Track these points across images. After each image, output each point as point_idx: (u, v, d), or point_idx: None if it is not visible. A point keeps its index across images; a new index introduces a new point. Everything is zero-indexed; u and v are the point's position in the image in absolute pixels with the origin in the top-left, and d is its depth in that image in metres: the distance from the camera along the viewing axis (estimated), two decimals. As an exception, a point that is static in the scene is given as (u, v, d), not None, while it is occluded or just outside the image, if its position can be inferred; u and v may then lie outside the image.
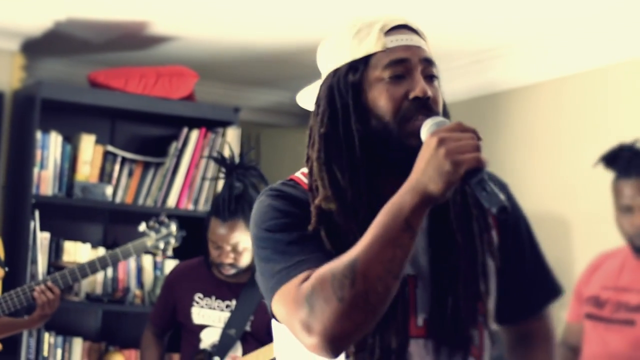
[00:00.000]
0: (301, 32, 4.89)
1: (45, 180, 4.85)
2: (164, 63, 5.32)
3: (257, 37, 5.01)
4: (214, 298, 3.94)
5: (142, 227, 4.03)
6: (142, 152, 5.15)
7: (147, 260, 5.10)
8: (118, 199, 5.03)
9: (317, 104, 1.88)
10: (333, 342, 1.64)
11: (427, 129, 1.74)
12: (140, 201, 5.06)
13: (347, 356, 1.77)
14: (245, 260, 3.82)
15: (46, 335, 4.83)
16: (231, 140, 5.15)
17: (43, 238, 4.85)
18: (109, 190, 4.95)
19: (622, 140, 3.54)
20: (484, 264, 1.87)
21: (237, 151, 5.13)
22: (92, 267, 3.87)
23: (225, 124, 5.20)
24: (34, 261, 4.73)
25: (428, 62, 1.84)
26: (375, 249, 1.63)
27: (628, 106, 4.52)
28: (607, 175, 3.53)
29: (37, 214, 4.77)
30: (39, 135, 4.83)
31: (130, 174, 5.09)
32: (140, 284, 5.07)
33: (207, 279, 3.96)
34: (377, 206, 1.70)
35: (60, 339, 4.89)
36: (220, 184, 4.09)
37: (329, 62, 1.90)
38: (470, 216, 1.87)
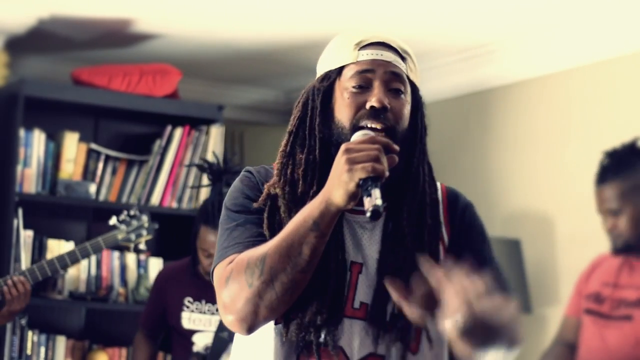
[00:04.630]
0: (285, 30, 4.90)
1: (29, 178, 4.83)
2: (147, 61, 5.31)
3: (240, 35, 5.01)
4: (203, 302, 3.93)
5: (113, 220, 4.02)
6: (125, 150, 5.14)
7: (131, 258, 5.09)
8: (102, 197, 5.02)
9: (295, 106, 2.07)
10: (244, 320, 1.87)
11: (352, 139, 1.91)
12: (124, 199, 5.05)
13: (276, 323, 1.94)
14: None
15: (29, 334, 4.81)
16: (215, 138, 5.15)
17: (26, 236, 4.84)
18: (92, 188, 4.94)
19: (608, 140, 3.59)
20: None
21: (220, 150, 5.13)
22: (62, 261, 3.84)
23: (209, 121, 5.19)
24: (17, 259, 4.72)
25: (395, 76, 1.98)
26: (285, 245, 1.83)
27: (615, 104, 4.54)
28: (591, 174, 3.57)
29: (20, 211, 4.75)
30: (22, 132, 4.81)
31: (113, 172, 5.08)
32: (124, 282, 5.06)
33: (196, 282, 3.94)
34: None
35: (43, 337, 4.87)
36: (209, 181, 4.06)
37: (318, 70, 2.07)
38: (423, 225, 1.98)
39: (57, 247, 4.92)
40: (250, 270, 1.85)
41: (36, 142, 4.88)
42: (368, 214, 1.76)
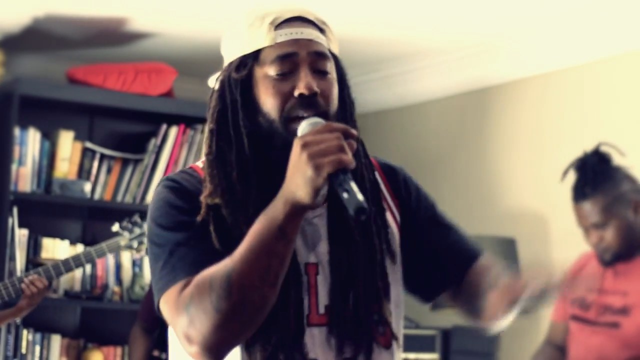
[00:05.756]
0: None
1: (24, 176, 4.83)
2: (142, 60, 5.31)
3: (236, 34, 5.01)
4: None
5: (116, 227, 4.04)
6: (120, 149, 5.14)
7: (126, 257, 5.09)
8: (97, 196, 5.02)
9: (210, 97, 1.86)
10: (212, 350, 1.66)
11: (300, 131, 1.71)
12: (119, 198, 5.05)
13: (245, 346, 1.74)
14: None
15: (24, 332, 4.81)
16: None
17: (21, 235, 4.84)
18: (87, 186, 4.94)
19: (603, 139, 3.58)
20: (382, 262, 1.84)
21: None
22: (67, 265, 3.89)
23: (204, 120, 5.12)
24: (12, 258, 4.71)
25: (318, 55, 1.79)
26: (251, 259, 1.63)
27: (611, 103, 4.54)
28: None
29: (15, 210, 4.75)
30: (17, 131, 4.81)
31: (109, 171, 5.08)
32: (119, 280, 5.06)
33: None
34: (266, 203, 1.67)
35: (38, 335, 4.87)
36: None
37: (225, 54, 1.86)
38: (378, 210, 1.86)
39: (52, 246, 4.92)
40: (215, 292, 1.62)
41: (31, 141, 4.88)
42: (352, 212, 1.58)
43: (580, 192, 3.43)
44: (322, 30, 1.83)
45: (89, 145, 5.05)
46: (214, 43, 5.21)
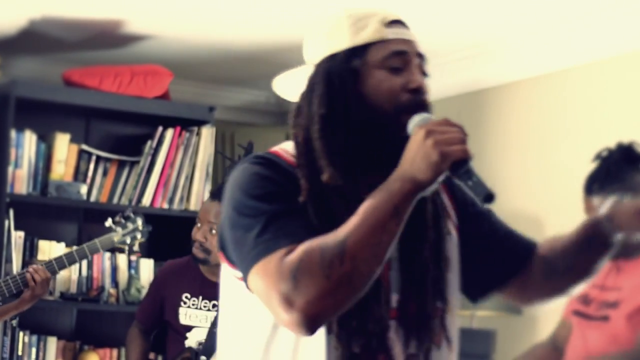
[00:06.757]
0: (276, 32, 4.90)
1: (20, 179, 4.83)
2: (138, 62, 5.31)
3: (231, 36, 5.02)
4: (200, 298, 3.97)
5: (108, 222, 4.05)
6: (116, 151, 5.14)
7: (122, 259, 5.09)
8: (93, 198, 5.02)
9: (311, 87, 1.88)
10: (312, 319, 1.66)
11: (414, 123, 1.80)
12: (115, 200, 5.05)
13: (328, 333, 1.77)
14: (215, 246, 3.89)
15: (20, 334, 4.81)
16: (206, 139, 5.15)
17: (17, 237, 4.84)
18: (83, 189, 4.94)
19: (597, 142, 3.57)
20: (447, 264, 1.92)
21: (211, 151, 5.15)
22: (60, 262, 3.89)
23: (200, 122, 5.20)
24: (9, 260, 4.72)
25: (421, 57, 1.92)
26: (365, 232, 1.66)
27: (608, 105, 4.55)
28: (581, 175, 3.56)
29: (11, 212, 4.76)
30: (13, 134, 4.81)
31: (105, 173, 5.08)
32: (114, 282, 5.07)
33: (194, 278, 4.00)
34: (373, 189, 1.73)
35: (34, 338, 4.87)
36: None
37: (321, 48, 1.90)
38: (440, 216, 1.92)
39: (48, 248, 4.93)
40: (327, 259, 1.64)
41: (27, 143, 4.88)
42: (480, 199, 1.70)
43: (596, 185, 3.39)
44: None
45: (85, 147, 5.05)
46: (210, 45, 5.25)
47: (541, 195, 4.78)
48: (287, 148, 1.90)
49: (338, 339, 1.78)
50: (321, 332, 1.74)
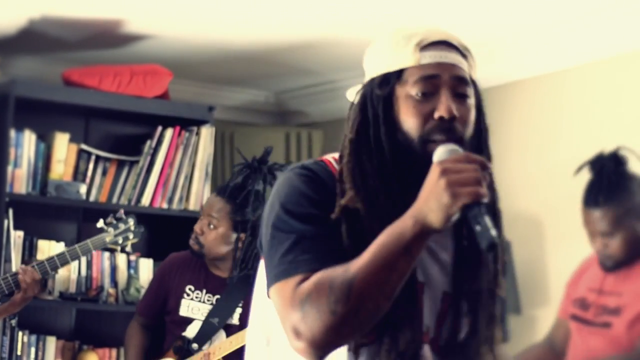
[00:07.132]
0: (276, 32, 4.90)
1: (19, 178, 4.83)
2: (138, 61, 5.31)
3: (231, 36, 5.02)
4: (204, 291, 4.00)
5: (100, 223, 4.05)
6: (116, 151, 5.14)
7: (121, 259, 5.09)
8: (92, 198, 5.02)
9: (351, 109, 1.90)
10: (318, 348, 1.70)
11: (437, 156, 1.75)
12: (114, 200, 5.05)
13: (349, 349, 1.80)
14: (209, 241, 3.94)
15: (20, 334, 4.81)
16: (205, 139, 5.15)
17: (17, 237, 4.84)
18: (82, 188, 4.94)
19: (597, 142, 3.56)
20: (495, 294, 1.93)
21: (210, 151, 5.15)
22: (52, 263, 3.89)
23: (199, 122, 5.20)
24: (8, 260, 4.72)
25: (460, 80, 1.85)
26: (373, 270, 1.67)
27: (607, 105, 4.55)
28: (582, 176, 3.55)
29: (10, 212, 4.75)
30: (12, 133, 4.81)
31: (104, 173, 5.08)
32: (114, 282, 5.07)
33: (199, 271, 4.04)
34: (400, 214, 1.71)
35: (33, 337, 4.87)
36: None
37: (368, 69, 1.91)
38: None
39: (48, 248, 4.92)
40: (333, 295, 1.67)
41: (27, 143, 4.88)
42: (484, 246, 1.65)
43: (592, 198, 3.36)
44: (464, 56, 1.89)
45: (84, 147, 5.05)
46: (210, 45, 5.25)
47: (541, 195, 4.78)
48: (338, 157, 1.90)
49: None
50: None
